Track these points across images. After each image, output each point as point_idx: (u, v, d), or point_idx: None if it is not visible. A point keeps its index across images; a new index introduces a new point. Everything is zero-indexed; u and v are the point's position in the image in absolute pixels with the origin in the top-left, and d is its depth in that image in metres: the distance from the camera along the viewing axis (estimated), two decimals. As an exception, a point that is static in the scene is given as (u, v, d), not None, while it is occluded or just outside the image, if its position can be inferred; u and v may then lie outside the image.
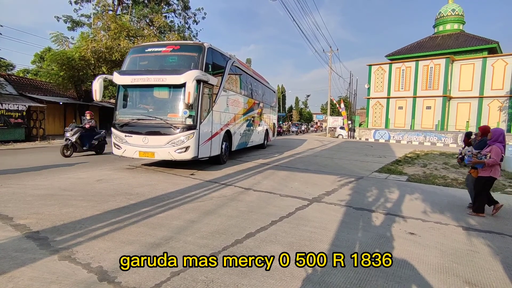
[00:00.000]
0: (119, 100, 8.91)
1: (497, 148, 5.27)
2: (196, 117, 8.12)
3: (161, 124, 8.10)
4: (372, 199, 6.45)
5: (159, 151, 8.06)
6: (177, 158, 8.04)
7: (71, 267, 3.10)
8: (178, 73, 7.84)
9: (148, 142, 8.11)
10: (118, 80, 8.58)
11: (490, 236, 4.49)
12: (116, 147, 8.65)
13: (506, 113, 27.28)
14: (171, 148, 7.95)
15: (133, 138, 8.26)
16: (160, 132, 8.07)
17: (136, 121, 8.37)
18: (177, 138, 7.95)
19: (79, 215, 4.68)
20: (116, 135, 8.59)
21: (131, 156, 8.36)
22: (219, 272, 3.10)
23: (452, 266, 3.47)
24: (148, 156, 8.20)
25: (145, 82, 8.18)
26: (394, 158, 14.39)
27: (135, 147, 8.24)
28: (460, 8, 33.67)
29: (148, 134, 8.11)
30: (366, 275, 3.18)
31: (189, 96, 7.43)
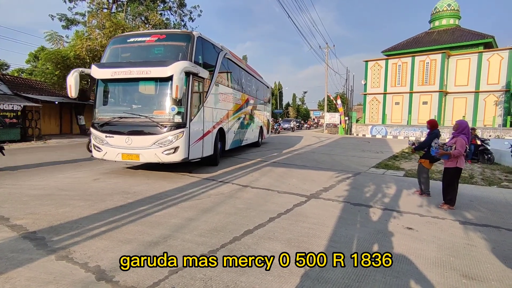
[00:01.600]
0: (98, 97, 8.01)
1: (462, 139, 5.39)
2: (186, 114, 7.31)
3: (146, 123, 7.27)
4: (370, 195, 6.47)
5: (144, 153, 7.20)
6: (165, 160, 7.21)
7: (68, 267, 3.09)
8: (164, 65, 7.02)
9: (131, 143, 7.22)
10: (97, 74, 7.71)
11: (486, 229, 4.52)
12: (96, 149, 7.71)
13: (502, 108, 27.43)
14: (158, 149, 7.12)
15: (114, 138, 7.36)
16: (145, 132, 7.26)
17: (118, 119, 7.47)
18: (164, 138, 7.12)
19: (76, 215, 4.66)
20: (95, 136, 7.66)
21: (112, 159, 7.51)
22: (218, 270, 3.10)
23: (450, 260, 3.49)
24: (132, 158, 7.30)
25: (127, 75, 7.27)
26: (391, 154, 14.44)
27: (117, 149, 7.34)
28: (455, 3, 33.70)
29: (131, 134, 7.26)
30: (364, 270, 3.19)
31: (177, 90, 6.58)
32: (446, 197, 5.58)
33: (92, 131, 7.73)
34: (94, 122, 7.77)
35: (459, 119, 5.99)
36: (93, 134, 7.69)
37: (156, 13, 29.22)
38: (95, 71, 7.72)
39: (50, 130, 22.20)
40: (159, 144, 7.13)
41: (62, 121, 23.57)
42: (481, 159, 11.96)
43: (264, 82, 17.65)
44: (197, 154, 8.02)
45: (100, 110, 7.94)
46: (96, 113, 7.91)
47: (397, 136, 28.76)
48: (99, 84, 8.02)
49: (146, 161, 7.39)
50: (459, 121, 5.71)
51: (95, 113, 7.92)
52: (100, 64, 7.94)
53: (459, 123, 5.64)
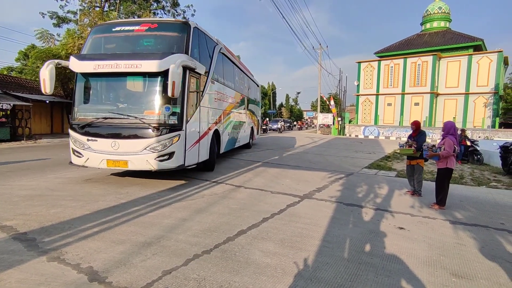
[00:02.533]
0: (78, 94, 6.93)
1: (450, 140, 5.49)
2: (182, 115, 6.49)
3: (136, 124, 6.33)
4: (362, 195, 6.53)
5: (133, 160, 6.26)
6: (158, 167, 6.29)
7: (60, 268, 3.06)
8: (158, 57, 6.17)
9: (118, 148, 6.29)
10: (77, 66, 6.58)
11: (475, 229, 4.61)
12: (75, 155, 6.66)
13: (491, 109, 27.93)
14: (150, 155, 6.22)
15: (98, 143, 6.38)
16: (135, 135, 6.31)
17: (102, 120, 6.48)
18: (157, 142, 6.23)
19: (68, 215, 4.61)
20: (75, 139, 6.61)
21: (95, 166, 6.51)
22: (211, 270, 3.10)
23: (440, 259, 3.55)
24: (119, 165, 6.34)
25: (114, 69, 6.24)
26: (384, 154, 14.59)
27: (101, 155, 6.38)
28: (446, 6, 34.22)
29: (118, 137, 6.32)
30: (357, 270, 3.22)
31: (173, 87, 5.78)
32: (437, 198, 5.67)
33: (71, 133, 6.68)
34: (73, 123, 6.72)
35: (446, 120, 6.11)
36: (72, 137, 6.67)
37: (149, 12, 29.04)
38: (75, 64, 6.56)
39: (41, 130, 21.88)
40: (151, 149, 6.24)
41: (53, 120, 23.25)
42: (471, 159, 12.17)
43: (254, 80, 16.88)
44: (193, 160, 7.19)
45: (80, 109, 6.87)
46: (76, 113, 6.83)
47: (389, 136, 29.07)
48: (79, 79, 6.93)
49: (136, 169, 6.42)
50: (446, 122, 5.82)
51: (74, 113, 6.83)
52: (81, 56, 6.83)
53: (445, 124, 5.76)
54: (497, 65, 27.50)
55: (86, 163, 6.57)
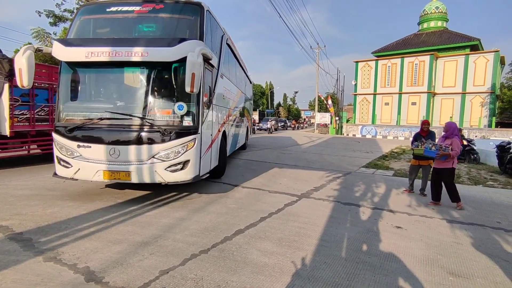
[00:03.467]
0: (63, 89, 5.58)
1: (457, 140, 5.56)
2: (198, 115, 5.36)
3: (142, 127, 5.19)
4: (360, 194, 6.54)
5: (138, 170, 5.10)
6: (169, 180, 5.18)
7: (56, 268, 3.04)
8: (171, 44, 5.10)
9: (119, 156, 5.08)
10: (63, 54, 5.31)
11: (472, 228, 4.63)
12: (61, 165, 5.34)
13: (488, 109, 28.08)
14: (159, 164, 5.13)
15: (92, 150, 5.14)
16: (140, 140, 5.12)
17: (97, 122, 5.23)
18: (168, 148, 5.11)
19: (65, 215, 4.58)
20: (61, 145, 5.29)
21: (88, 178, 5.20)
22: (209, 270, 3.09)
23: (437, 258, 3.56)
24: (120, 178, 5.12)
25: (112, 58, 5.05)
26: (381, 154, 14.63)
27: (96, 164, 5.12)
28: (443, 6, 34.35)
29: (118, 143, 5.11)
30: (354, 269, 3.23)
31: (193, 80, 4.73)
32: (452, 197, 5.66)
33: (55, 138, 5.37)
34: (58, 125, 5.38)
35: (448, 121, 6.09)
36: (56, 142, 5.36)
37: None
38: (60, 51, 5.29)
39: (37, 129, 21.73)
40: (160, 157, 5.12)
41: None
42: (468, 159, 12.23)
43: (249, 76, 15.46)
44: (206, 168, 6.07)
45: (67, 108, 5.53)
46: (61, 113, 5.48)
47: (386, 136, 29.15)
48: (65, 69, 5.59)
49: (141, 181, 5.16)
50: (450, 123, 5.82)
51: (58, 113, 5.50)
52: (67, 41, 5.51)
53: (450, 125, 5.75)
54: (494, 65, 27.65)
55: (76, 175, 5.23)
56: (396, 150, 16.60)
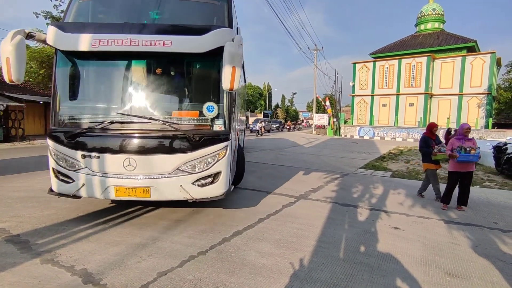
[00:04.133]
0: (62, 84, 4.50)
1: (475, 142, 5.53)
2: (229, 117, 4.48)
3: (164, 132, 4.22)
4: (358, 195, 6.56)
5: (160, 185, 4.17)
6: (198, 196, 4.30)
7: (54, 271, 3.03)
8: (201, 32, 4.15)
9: (135, 169, 4.13)
10: (62, 41, 4.19)
11: (469, 228, 4.65)
12: (60, 180, 4.32)
13: (484, 110, 28.21)
14: (185, 177, 4.20)
15: (102, 160, 4.15)
16: (163, 148, 4.21)
17: (107, 126, 4.17)
18: (197, 158, 4.21)
19: (62, 217, 4.57)
20: (59, 155, 4.27)
21: (96, 196, 4.21)
22: (207, 271, 3.09)
23: (434, 259, 3.57)
24: (137, 195, 4.17)
25: (126, 47, 4.06)
26: (379, 155, 14.67)
27: (106, 179, 4.16)
28: (440, 8, 34.53)
29: (135, 152, 4.14)
30: (352, 269, 3.24)
31: (233, 75, 3.88)
32: (466, 200, 5.62)
33: (51, 146, 4.31)
34: (56, 130, 4.30)
35: (464, 123, 5.89)
36: (53, 151, 4.31)
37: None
38: (57, 38, 4.19)
39: (34, 131, 21.65)
40: (187, 168, 4.22)
41: (47, 121, 23.01)
42: (465, 160, 12.26)
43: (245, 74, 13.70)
44: (231, 179, 5.10)
45: (67, 109, 4.51)
46: (59, 115, 4.41)
47: (384, 137, 29.22)
48: (63, 61, 4.47)
49: (163, 199, 4.26)
50: (467, 125, 5.67)
51: (56, 115, 4.40)
52: (67, 26, 4.34)
53: (469, 127, 5.59)
54: (490, 66, 27.80)
55: (80, 192, 4.20)
56: (393, 151, 16.65)
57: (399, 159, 13.17)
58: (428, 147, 6.09)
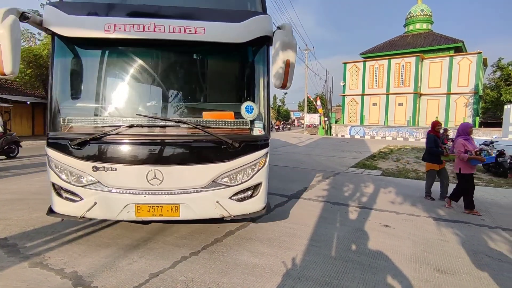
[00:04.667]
0: (63, 79, 3.64)
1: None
2: (268, 119, 3.81)
3: (196, 137, 3.56)
4: (349, 194, 6.62)
5: (192, 201, 3.48)
6: (236, 212, 3.62)
7: (43, 274, 2.98)
8: (238, 18, 3.52)
9: (162, 182, 3.40)
10: (65, 26, 3.35)
11: (458, 225, 4.75)
12: (63, 198, 3.50)
13: (471, 109, 28.80)
14: (222, 191, 3.54)
15: (119, 173, 3.40)
16: (195, 156, 3.58)
17: (125, 130, 3.38)
18: (236, 167, 3.56)
19: (51, 220, 4.46)
20: (64, 167, 3.43)
21: (112, 216, 3.50)
22: (199, 272, 3.09)
23: (424, 255, 3.64)
24: (163, 214, 3.45)
25: (148, 34, 3.35)
26: (369, 154, 14.83)
27: (125, 196, 3.41)
28: (428, 9, 35.10)
29: (161, 162, 3.45)
30: (344, 267, 3.27)
31: (287, 70, 3.36)
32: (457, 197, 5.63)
33: (51, 156, 3.46)
34: (56, 136, 3.46)
35: (466, 122, 5.82)
36: (54, 162, 3.45)
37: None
38: (60, 21, 3.33)
39: (22, 132, 21.21)
40: (224, 180, 3.55)
41: (35, 122, 22.58)
42: (453, 158, 12.50)
43: None
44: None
45: (70, 109, 3.63)
46: (60, 117, 3.51)
47: (374, 136, 29.55)
48: (63, 49, 3.56)
49: (194, 217, 3.58)
50: (471, 124, 5.62)
51: (54, 116, 3.50)
52: (71, 5, 3.54)
53: (472, 126, 5.57)
54: (477, 66, 28.39)
55: (90, 213, 3.40)
56: (384, 150, 16.85)
57: (389, 158, 13.34)
58: (438, 147, 5.98)
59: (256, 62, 3.82)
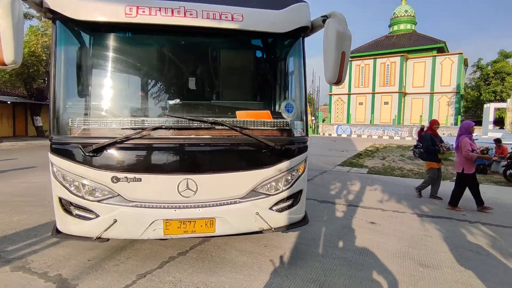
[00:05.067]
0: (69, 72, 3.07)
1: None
2: (306, 119, 3.42)
3: (233, 139, 3.08)
4: (336, 192, 6.71)
5: (229, 214, 2.99)
6: (277, 225, 3.16)
7: (25, 278, 2.91)
8: (278, 5, 3.08)
9: (196, 193, 2.91)
10: (75, 7, 2.72)
11: (440, 221, 4.88)
12: (74, 215, 2.87)
13: (454, 108, 29.63)
14: (263, 201, 3.09)
15: (144, 184, 2.84)
16: (234, 162, 3.14)
17: (153, 133, 2.83)
18: (277, 174, 3.13)
19: (34, 222, 4.38)
20: (74, 177, 2.82)
21: (135, 236, 2.90)
22: (187, 271, 3.07)
23: (408, 251, 3.73)
24: (196, 230, 2.92)
25: (177, 20, 2.78)
26: (356, 152, 15.05)
27: (151, 210, 2.85)
28: (412, 10, 35.88)
29: (195, 169, 2.97)
30: (331, 264, 3.32)
31: (342, 63, 2.85)
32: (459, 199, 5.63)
33: (57, 163, 2.86)
34: (63, 140, 2.85)
35: (468, 120, 5.84)
36: (61, 172, 2.86)
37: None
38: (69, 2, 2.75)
39: (2, 132, 20.58)
40: (264, 189, 3.11)
41: (16, 122, 21.93)
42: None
43: None
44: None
45: (83, 108, 3.11)
46: (68, 117, 2.88)
47: (361, 135, 30.01)
48: (69, 37, 3.02)
49: (232, 233, 3.10)
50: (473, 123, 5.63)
51: (58, 116, 2.86)
52: None
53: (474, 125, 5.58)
54: (458, 66, 29.23)
55: (108, 233, 2.80)
56: (370, 148, 17.15)
57: (375, 156, 13.58)
58: (434, 145, 6.05)
59: (293, 55, 3.40)
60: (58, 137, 2.82)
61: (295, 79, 3.41)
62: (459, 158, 5.47)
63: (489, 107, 21.46)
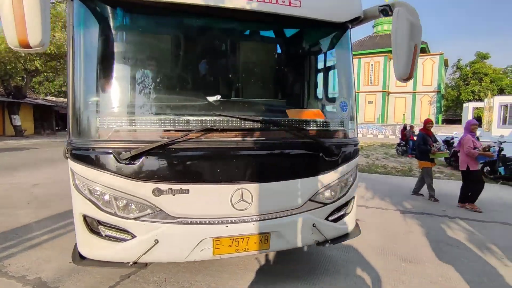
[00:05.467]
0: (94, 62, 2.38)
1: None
2: (356, 118, 3.17)
3: (290, 142, 2.63)
4: (321, 190, 6.77)
5: (285, 227, 2.58)
6: (331, 235, 2.81)
7: (2, 282, 2.81)
8: None
9: (251, 205, 2.45)
10: None
11: (422, 217, 5.01)
12: (102, 237, 2.32)
13: (435, 107, 30.47)
14: (319, 211, 2.70)
15: (192, 196, 2.33)
16: (292, 168, 2.66)
17: (199, 137, 2.32)
18: (335, 180, 2.77)
19: (12, 224, 4.23)
20: (103, 191, 2.25)
21: (180, 258, 2.38)
22: (172, 271, 3.04)
23: (391, 247, 3.81)
24: (249, 248, 2.47)
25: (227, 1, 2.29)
26: (341, 150, 15.23)
27: (198, 227, 2.36)
28: (395, 10, 36.62)
29: (251, 178, 2.47)
30: (316, 261, 3.36)
31: (414, 57, 2.50)
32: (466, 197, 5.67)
33: (80, 173, 2.25)
34: (87, 145, 2.27)
35: (470, 119, 5.99)
36: (86, 184, 2.26)
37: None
38: None
39: (-22, 132, 19.81)
40: (320, 197, 2.74)
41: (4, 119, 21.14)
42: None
43: None
44: None
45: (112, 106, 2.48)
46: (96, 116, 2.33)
47: (346, 133, 30.47)
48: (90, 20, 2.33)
49: (287, 248, 2.75)
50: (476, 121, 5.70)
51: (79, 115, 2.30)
52: None
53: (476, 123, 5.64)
54: (439, 66, 30.08)
55: (148, 256, 2.30)
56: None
57: (360, 154, 13.80)
58: (426, 145, 6.05)
59: (342, 48, 3.03)
60: (81, 140, 2.26)
61: (345, 74, 3.09)
62: (462, 156, 5.50)
63: (468, 106, 22.16)
